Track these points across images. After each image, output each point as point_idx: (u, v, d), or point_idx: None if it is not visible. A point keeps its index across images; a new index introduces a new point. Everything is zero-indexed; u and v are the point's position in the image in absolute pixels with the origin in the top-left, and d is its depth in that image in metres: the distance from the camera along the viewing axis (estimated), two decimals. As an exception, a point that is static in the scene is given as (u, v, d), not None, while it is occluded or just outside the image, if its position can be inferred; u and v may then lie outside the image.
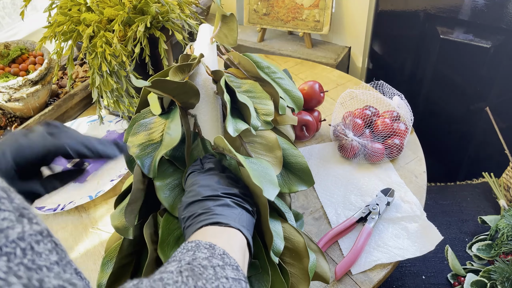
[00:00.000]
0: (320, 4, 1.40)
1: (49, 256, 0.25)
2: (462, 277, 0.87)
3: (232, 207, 0.49)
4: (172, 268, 0.35)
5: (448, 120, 1.43)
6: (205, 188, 0.51)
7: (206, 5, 1.52)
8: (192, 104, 0.64)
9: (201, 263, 0.37)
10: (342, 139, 0.90)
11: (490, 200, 1.09)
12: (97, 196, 0.86)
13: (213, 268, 0.36)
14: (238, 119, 0.63)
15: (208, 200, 0.50)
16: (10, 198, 0.26)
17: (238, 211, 0.50)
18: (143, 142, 0.61)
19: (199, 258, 0.37)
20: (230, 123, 0.60)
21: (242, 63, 0.74)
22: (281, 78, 0.77)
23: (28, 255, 0.23)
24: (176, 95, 0.62)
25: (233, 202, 0.50)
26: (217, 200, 0.50)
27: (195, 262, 0.37)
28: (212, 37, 0.74)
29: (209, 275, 0.35)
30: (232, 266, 0.38)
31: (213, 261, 0.38)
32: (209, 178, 0.54)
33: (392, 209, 0.79)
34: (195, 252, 0.39)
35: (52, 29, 0.84)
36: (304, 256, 0.56)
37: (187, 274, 0.34)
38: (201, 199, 0.50)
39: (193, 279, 0.34)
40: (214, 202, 0.49)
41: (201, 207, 0.49)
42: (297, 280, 0.56)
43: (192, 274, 0.34)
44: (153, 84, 0.57)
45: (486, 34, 1.21)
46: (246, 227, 0.48)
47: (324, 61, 1.44)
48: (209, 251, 0.39)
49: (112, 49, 0.81)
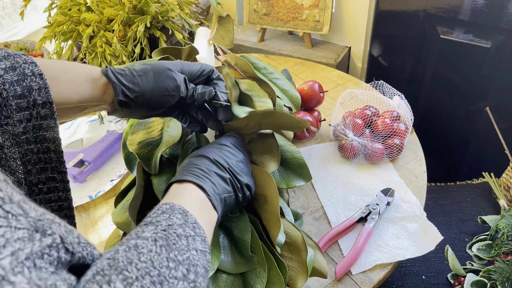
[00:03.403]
0: (320, 4, 1.40)
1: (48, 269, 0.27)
2: (462, 277, 0.87)
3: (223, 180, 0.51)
4: (148, 234, 0.37)
5: (448, 120, 1.43)
6: (215, 154, 0.53)
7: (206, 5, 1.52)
8: None
9: (176, 231, 0.38)
10: (342, 139, 0.90)
11: (490, 200, 1.09)
12: (97, 196, 0.86)
13: (186, 239, 0.38)
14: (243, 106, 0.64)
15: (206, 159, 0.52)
16: (25, 213, 0.28)
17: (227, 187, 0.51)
18: (143, 140, 0.63)
19: (175, 225, 0.39)
20: (237, 107, 0.60)
21: (239, 64, 0.74)
22: (278, 79, 0.78)
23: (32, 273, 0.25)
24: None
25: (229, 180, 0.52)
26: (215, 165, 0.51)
27: (170, 230, 0.38)
28: (209, 39, 0.75)
29: (182, 245, 0.37)
30: (201, 237, 0.41)
31: (186, 230, 0.40)
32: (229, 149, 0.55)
33: (392, 209, 0.79)
34: (170, 216, 0.41)
35: (52, 29, 0.84)
36: (302, 249, 0.57)
37: (161, 244, 0.36)
38: (201, 155, 0.52)
39: (166, 250, 0.35)
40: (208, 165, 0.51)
41: (193, 162, 0.51)
42: (295, 273, 0.56)
43: (166, 244, 0.36)
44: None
45: (486, 34, 1.21)
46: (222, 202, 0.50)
47: (324, 61, 1.44)
48: (183, 217, 0.41)
49: (112, 49, 0.81)
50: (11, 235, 0.25)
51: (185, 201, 0.45)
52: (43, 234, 0.27)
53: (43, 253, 0.27)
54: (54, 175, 0.46)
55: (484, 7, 1.17)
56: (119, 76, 0.51)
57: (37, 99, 0.43)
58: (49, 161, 0.46)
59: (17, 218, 0.27)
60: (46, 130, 0.44)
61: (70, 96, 0.48)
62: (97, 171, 0.94)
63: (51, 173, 0.46)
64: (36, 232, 0.27)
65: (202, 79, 0.57)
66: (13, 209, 0.27)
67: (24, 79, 0.43)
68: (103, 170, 0.95)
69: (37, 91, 0.43)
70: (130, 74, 0.52)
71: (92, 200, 0.88)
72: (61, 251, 0.29)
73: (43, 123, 0.44)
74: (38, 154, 0.45)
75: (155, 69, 0.53)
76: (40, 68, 0.44)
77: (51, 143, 0.45)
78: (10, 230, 0.25)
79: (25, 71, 0.43)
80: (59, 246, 0.28)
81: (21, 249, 0.25)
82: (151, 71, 0.52)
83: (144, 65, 0.53)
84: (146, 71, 0.52)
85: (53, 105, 0.44)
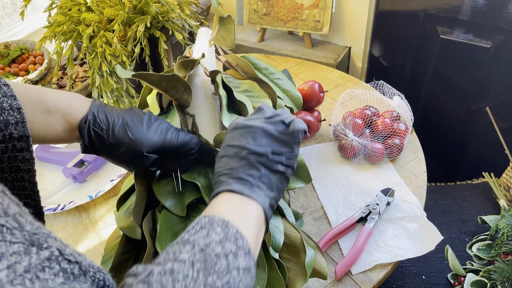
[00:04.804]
0: (320, 4, 1.40)
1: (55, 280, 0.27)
2: (462, 277, 0.87)
3: (271, 173, 0.47)
4: (185, 256, 0.35)
5: (448, 120, 1.43)
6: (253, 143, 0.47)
7: (206, 5, 1.52)
8: (186, 101, 0.64)
9: (214, 250, 0.36)
10: (342, 139, 0.90)
11: (490, 200, 1.09)
12: (97, 196, 0.86)
13: (226, 258, 0.36)
14: (234, 114, 0.63)
15: (251, 155, 0.46)
16: (21, 226, 0.28)
17: (274, 179, 0.47)
18: None
19: (213, 243, 0.37)
20: (226, 116, 0.60)
21: (240, 64, 0.74)
22: (279, 79, 0.78)
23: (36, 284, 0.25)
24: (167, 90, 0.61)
25: (280, 165, 0.47)
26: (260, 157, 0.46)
27: (208, 249, 0.36)
28: (210, 40, 0.75)
29: (221, 266, 0.35)
30: (244, 250, 0.38)
31: (227, 246, 0.37)
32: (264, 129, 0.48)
33: (392, 209, 0.79)
34: (209, 232, 0.38)
35: (52, 29, 0.84)
36: (301, 251, 0.57)
37: (198, 267, 0.34)
38: (244, 156, 0.46)
39: (204, 274, 0.34)
40: (251, 162, 0.46)
41: (236, 163, 0.46)
42: (294, 275, 0.56)
43: (203, 267, 0.34)
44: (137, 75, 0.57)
45: (486, 34, 1.21)
46: (271, 197, 0.46)
47: (324, 61, 1.44)
48: (223, 230, 0.39)
49: (112, 49, 0.81)
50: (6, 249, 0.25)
51: (228, 211, 0.42)
52: (39, 248, 0.27)
53: (44, 266, 0.27)
54: (28, 201, 0.47)
55: (484, 7, 1.17)
56: (94, 138, 0.50)
57: (13, 133, 0.43)
58: (23, 189, 0.46)
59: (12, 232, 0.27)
60: (21, 161, 0.45)
61: (43, 137, 0.50)
62: (97, 171, 0.94)
63: (25, 199, 0.47)
64: (32, 246, 0.27)
65: (177, 154, 0.56)
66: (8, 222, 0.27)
67: (1, 113, 0.43)
68: (103, 170, 0.95)
69: (14, 125, 0.43)
70: (106, 138, 0.51)
71: (92, 200, 0.88)
72: (63, 262, 0.28)
73: (19, 155, 0.45)
74: (12, 182, 0.45)
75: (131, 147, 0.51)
76: (19, 102, 0.44)
77: (25, 173, 0.46)
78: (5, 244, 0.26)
79: (3, 104, 0.43)
80: (59, 258, 0.28)
81: (18, 263, 0.25)
82: (126, 147, 0.51)
83: (125, 133, 0.51)
84: (122, 144, 0.51)
85: (29, 138, 0.45)
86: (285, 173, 0.48)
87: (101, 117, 0.51)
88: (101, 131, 0.50)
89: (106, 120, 0.51)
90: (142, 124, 0.53)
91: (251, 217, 0.43)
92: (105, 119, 0.51)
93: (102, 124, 0.51)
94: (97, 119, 0.50)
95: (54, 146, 0.99)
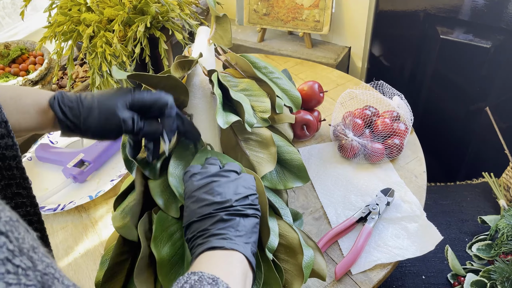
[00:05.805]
0: (320, 4, 1.40)
1: None
2: (462, 277, 0.87)
3: (245, 218, 0.49)
4: None
5: (448, 120, 1.43)
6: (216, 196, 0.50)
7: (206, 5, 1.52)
8: (183, 101, 0.64)
9: None
10: (342, 139, 0.90)
11: (490, 200, 1.09)
12: (97, 196, 0.86)
13: None
14: (229, 112, 0.63)
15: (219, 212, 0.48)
16: (34, 265, 0.27)
17: (250, 223, 0.49)
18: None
19: None
20: (220, 115, 0.60)
21: (239, 63, 0.74)
22: (278, 78, 0.78)
23: None
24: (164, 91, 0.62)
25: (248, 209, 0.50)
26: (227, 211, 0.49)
27: None
28: (209, 39, 0.75)
29: None
30: None
31: None
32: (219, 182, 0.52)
33: (392, 209, 0.79)
34: None
35: (52, 29, 0.84)
36: (298, 252, 0.56)
37: None
38: (211, 212, 0.49)
39: None
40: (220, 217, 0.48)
41: (206, 224, 0.48)
42: (291, 276, 0.56)
43: None
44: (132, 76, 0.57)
45: (486, 34, 1.21)
46: (251, 242, 0.48)
47: (324, 61, 1.44)
48: (213, 287, 0.40)
49: (112, 49, 0.81)
50: None
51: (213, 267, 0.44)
52: None
53: None
54: (20, 190, 0.47)
55: (484, 7, 1.17)
56: (65, 110, 0.53)
57: None
58: (12, 177, 0.46)
59: (26, 273, 0.26)
60: (5, 149, 0.45)
61: (19, 124, 0.51)
62: (97, 171, 0.94)
63: (16, 188, 0.47)
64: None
65: (154, 112, 0.56)
66: (23, 262, 0.26)
67: None
68: (103, 170, 0.95)
69: None
70: (77, 107, 0.53)
71: (92, 200, 0.88)
72: None
73: (1, 142, 0.45)
74: (1, 171, 0.45)
75: (101, 107, 0.54)
76: None
77: (12, 160, 0.46)
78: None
79: None
80: None
81: None
82: (97, 109, 0.53)
83: (92, 99, 0.54)
84: (92, 108, 0.53)
85: (8, 123, 0.45)
86: (256, 215, 0.51)
87: (68, 94, 0.54)
88: (70, 102, 0.53)
89: (73, 95, 0.55)
90: (108, 91, 0.56)
91: (236, 269, 0.45)
92: (73, 95, 0.55)
93: (71, 98, 0.54)
94: (64, 96, 0.54)
95: (54, 146, 0.99)
